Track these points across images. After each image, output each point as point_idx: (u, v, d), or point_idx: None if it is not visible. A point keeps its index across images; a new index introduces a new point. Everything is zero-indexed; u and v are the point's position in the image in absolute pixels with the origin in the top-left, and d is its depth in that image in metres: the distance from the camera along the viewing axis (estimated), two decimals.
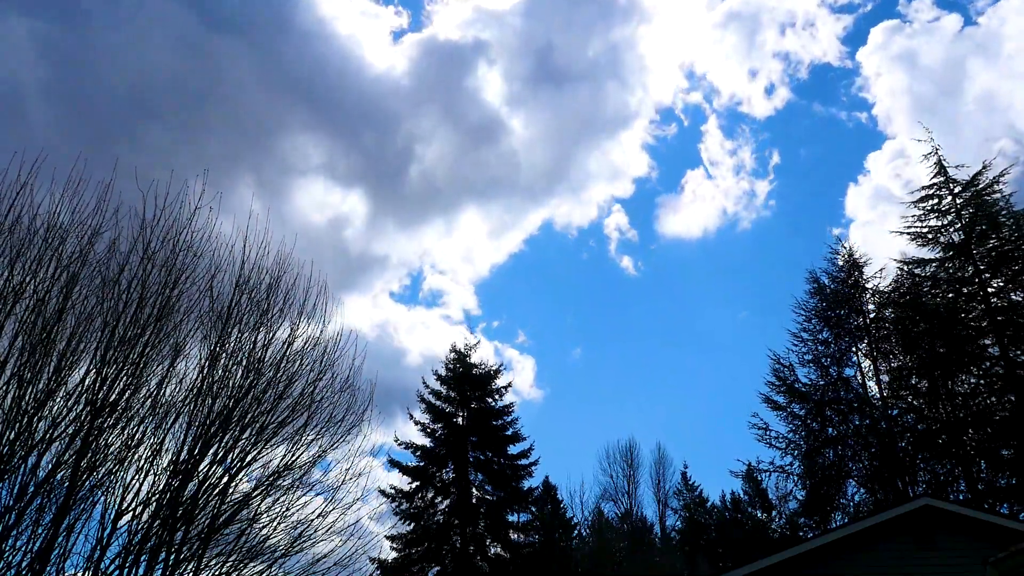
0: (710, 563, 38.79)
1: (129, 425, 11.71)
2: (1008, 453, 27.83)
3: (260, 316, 13.12)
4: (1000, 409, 28.66)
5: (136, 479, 11.71)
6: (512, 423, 35.20)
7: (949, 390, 29.82)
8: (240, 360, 12.78)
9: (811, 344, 33.32)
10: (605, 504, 46.16)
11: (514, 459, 34.84)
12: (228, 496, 12.54)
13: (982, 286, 29.39)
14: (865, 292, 33.32)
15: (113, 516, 11.43)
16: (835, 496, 31.01)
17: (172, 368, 12.17)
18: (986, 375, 29.30)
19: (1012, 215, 29.87)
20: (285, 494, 13.14)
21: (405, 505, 33.25)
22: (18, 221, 11.08)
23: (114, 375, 11.42)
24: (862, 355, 32.65)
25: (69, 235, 11.41)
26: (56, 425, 10.99)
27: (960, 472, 28.86)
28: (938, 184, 31.33)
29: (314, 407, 13.35)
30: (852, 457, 31.36)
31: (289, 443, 13.27)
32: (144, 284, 11.81)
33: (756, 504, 40.49)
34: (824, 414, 31.85)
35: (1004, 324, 28.65)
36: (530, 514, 35.94)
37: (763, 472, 32.81)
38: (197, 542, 12.13)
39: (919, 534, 14.70)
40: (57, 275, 11.23)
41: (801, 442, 31.94)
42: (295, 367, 13.31)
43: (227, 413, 12.35)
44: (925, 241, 31.35)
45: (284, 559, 12.89)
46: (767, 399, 32.66)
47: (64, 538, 10.97)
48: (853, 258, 33.92)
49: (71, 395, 11.15)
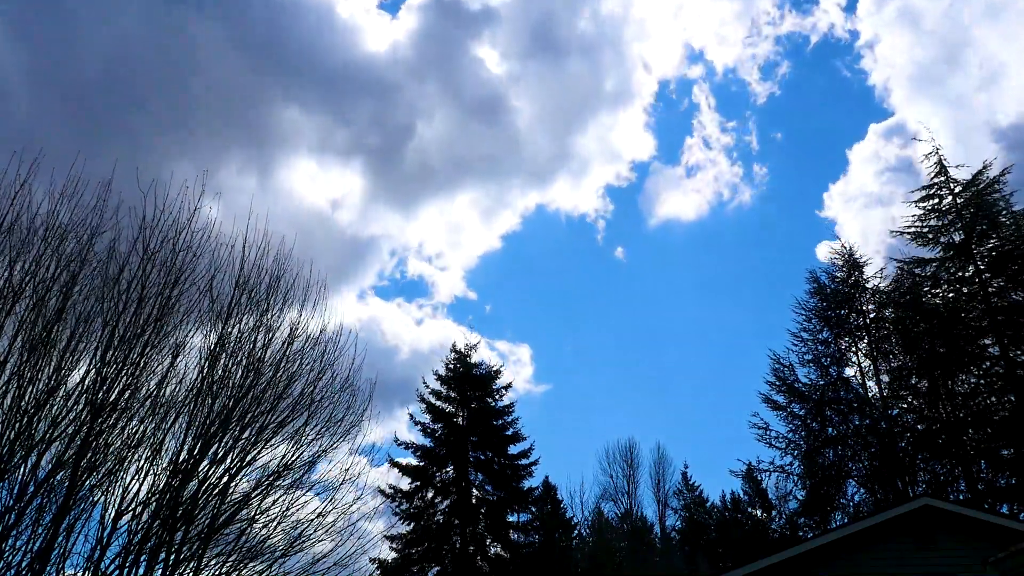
0: (710, 563, 38.77)
1: (129, 425, 11.72)
2: (1008, 453, 27.82)
3: (260, 316, 13.13)
4: (1000, 409, 28.65)
5: (136, 479, 11.74)
6: (512, 423, 35.19)
7: (949, 390, 29.81)
8: (240, 360, 12.79)
9: (811, 344, 33.36)
10: (605, 504, 46.16)
11: (514, 459, 34.83)
12: (228, 496, 12.54)
13: (982, 286, 29.38)
14: (865, 292, 33.35)
15: (113, 516, 11.44)
16: (835, 496, 31.01)
17: (172, 368, 12.18)
18: (986, 375, 29.29)
19: (1012, 215, 29.89)
20: (285, 494, 13.17)
21: (405, 505, 33.22)
22: (17, 221, 11.09)
23: (114, 375, 11.42)
24: (862, 355, 32.67)
25: (69, 234, 11.42)
26: (56, 425, 10.99)
27: (960, 472, 28.85)
28: (938, 184, 31.33)
29: (314, 407, 13.38)
30: (852, 457, 31.36)
31: (289, 443, 13.30)
32: (144, 284, 11.81)
33: (756, 504, 40.46)
34: (824, 414, 31.87)
35: (1004, 324, 28.64)
36: (530, 514, 35.90)
37: (763, 472, 32.87)
38: (197, 542, 12.14)
39: (919, 534, 14.69)
40: (57, 275, 11.22)
41: (801, 442, 31.97)
42: (295, 367, 13.34)
43: (227, 413, 12.35)
44: (925, 241, 31.34)
45: (284, 559, 12.91)
46: (767, 399, 32.71)
47: (64, 538, 10.98)
48: (853, 258, 33.95)
49: (71, 395, 11.15)
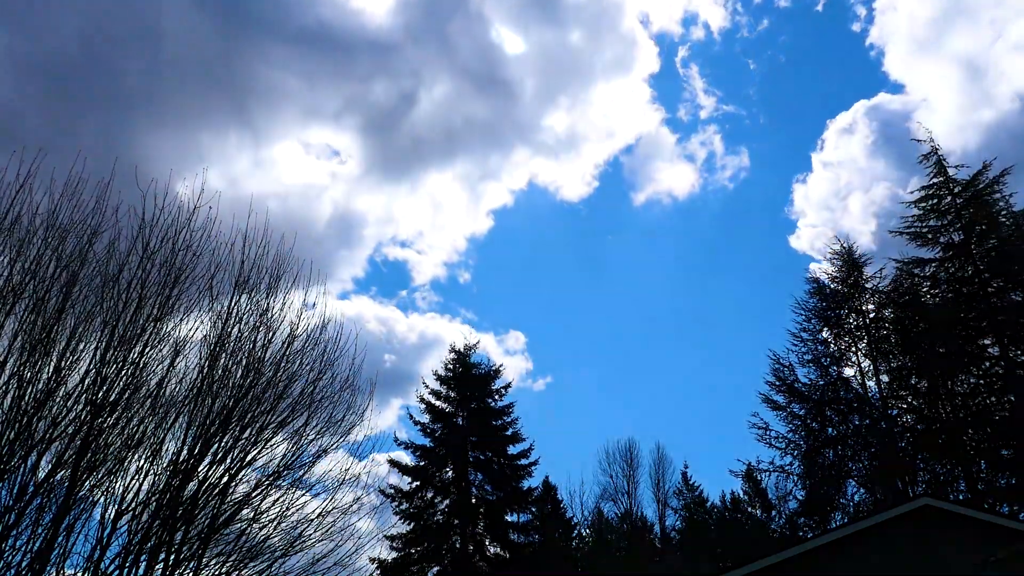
0: (710, 563, 38.73)
1: (129, 425, 11.70)
2: (1008, 453, 27.83)
3: (260, 316, 13.13)
4: (1000, 409, 28.67)
5: (136, 479, 11.72)
6: (512, 423, 35.19)
7: (949, 390, 29.82)
8: (240, 359, 12.78)
9: (811, 344, 33.36)
10: (605, 504, 46.04)
11: (514, 459, 34.83)
12: (228, 496, 12.53)
13: (982, 286, 29.39)
14: (865, 292, 33.34)
15: (113, 516, 11.43)
16: (835, 496, 30.99)
17: (172, 368, 12.17)
18: (986, 375, 29.30)
19: (1012, 215, 29.90)
20: (285, 494, 13.16)
21: (405, 505, 33.24)
22: (18, 220, 11.08)
23: (114, 375, 11.41)
24: (862, 355, 32.65)
25: (69, 234, 11.41)
26: (56, 425, 10.98)
27: (960, 472, 28.85)
28: (938, 184, 31.34)
29: (314, 407, 13.37)
30: (852, 457, 31.35)
31: (289, 443, 13.29)
32: (144, 284, 11.80)
33: (756, 504, 40.40)
34: (824, 414, 31.86)
35: (1004, 324, 28.65)
36: (530, 514, 35.90)
37: (763, 472, 32.84)
38: (197, 542, 12.13)
39: (919, 534, 14.69)
40: (57, 274, 11.21)
41: (801, 442, 31.97)
42: (295, 367, 13.33)
43: (227, 413, 12.35)
44: (925, 241, 31.36)
45: (284, 559, 12.90)
46: (767, 399, 32.71)
47: (64, 538, 10.97)
48: (852, 258, 33.94)
49: (71, 395, 11.13)
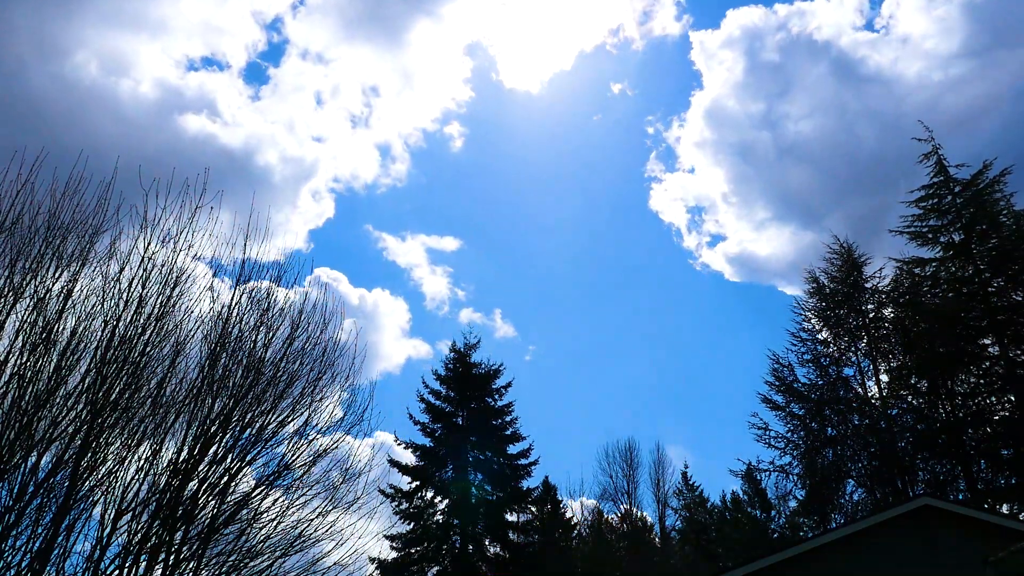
0: (710, 563, 38.73)
1: (129, 425, 11.70)
2: (1008, 453, 27.83)
3: (260, 315, 13.13)
4: (1000, 409, 28.69)
5: (136, 479, 11.70)
6: (512, 423, 35.22)
7: (949, 390, 29.82)
8: (240, 359, 12.78)
9: (810, 344, 33.40)
10: (605, 504, 46.05)
11: (514, 459, 34.84)
12: (228, 496, 12.53)
13: (982, 286, 29.39)
14: (864, 292, 33.35)
15: (113, 516, 11.41)
16: (834, 496, 31.02)
17: (172, 368, 12.16)
18: (986, 375, 29.29)
19: (1012, 215, 29.89)
20: (284, 494, 13.16)
21: (405, 505, 33.25)
22: (18, 220, 11.07)
23: (114, 375, 11.41)
24: (861, 355, 32.67)
25: (70, 234, 11.41)
26: (56, 425, 10.97)
27: (960, 472, 28.85)
28: (938, 184, 31.34)
29: (314, 407, 13.38)
30: (851, 457, 31.36)
31: (289, 443, 13.30)
32: (144, 283, 11.81)
33: (756, 504, 40.39)
34: (823, 414, 31.88)
35: (1004, 324, 28.65)
36: (530, 514, 35.93)
37: (763, 472, 32.88)
38: (197, 542, 12.13)
39: (919, 534, 14.70)
40: (57, 275, 11.22)
41: (800, 442, 32.00)
42: (295, 367, 13.33)
43: (227, 413, 12.35)
44: (925, 241, 31.36)
45: (284, 559, 12.90)
46: (766, 399, 32.74)
47: (64, 538, 10.96)
48: (852, 258, 33.94)
49: (71, 395, 11.12)
